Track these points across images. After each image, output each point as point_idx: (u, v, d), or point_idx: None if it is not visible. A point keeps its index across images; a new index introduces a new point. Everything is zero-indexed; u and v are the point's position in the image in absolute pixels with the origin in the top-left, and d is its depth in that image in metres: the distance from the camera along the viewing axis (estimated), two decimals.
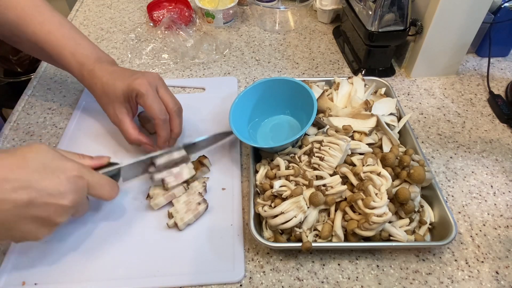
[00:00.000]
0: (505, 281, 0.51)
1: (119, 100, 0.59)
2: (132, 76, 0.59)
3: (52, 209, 0.44)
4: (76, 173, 0.46)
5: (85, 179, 0.47)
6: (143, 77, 0.58)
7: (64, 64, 0.62)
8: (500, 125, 0.73)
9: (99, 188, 0.49)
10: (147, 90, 0.57)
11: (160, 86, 0.60)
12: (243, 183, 0.62)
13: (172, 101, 0.60)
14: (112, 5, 1.06)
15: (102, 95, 0.60)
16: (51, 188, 0.43)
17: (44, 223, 0.44)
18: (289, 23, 0.99)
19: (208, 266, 0.52)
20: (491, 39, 0.83)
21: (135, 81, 0.57)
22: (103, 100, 0.61)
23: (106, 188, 0.50)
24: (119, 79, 0.59)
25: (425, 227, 0.54)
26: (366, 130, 0.61)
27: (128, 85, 0.57)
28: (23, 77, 1.50)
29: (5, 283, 0.50)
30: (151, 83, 0.58)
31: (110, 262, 0.53)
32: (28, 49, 0.66)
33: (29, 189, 0.42)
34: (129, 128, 0.60)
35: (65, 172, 0.45)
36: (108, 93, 0.59)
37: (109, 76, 0.60)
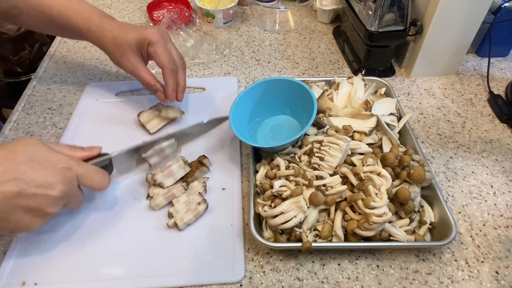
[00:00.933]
0: (505, 281, 0.52)
1: (132, 49, 0.63)
2: (143, 28, 0.63)
3: (42, 199, 0.45)
4: (64, 165, 0.47)
5: (73, 170, 0.48)
6: (154, 28, 0.63)
7: (69, 23, 0.64)
8: (500, 125, 0.73)
9: (88, 178, 0.50)
10: (159, 39, 0.61)
11: (168, 40, 0.65)
12: (243, 183, 0.62)
13: (178, 54, 0.65)
14: (112, 5, 1.06)
15: (114, 47, 0.63)
16: (39, 179, 0.44)
17: (35, 213, 0.45)
18: (289, 23, 0.99)
19: (208, 266, 0.52)
20: (491, 39, 0.83)
21: (147, 30, 0.62)
22: (116, 52, 0.64)
23: (96, 178, 0.51)
24: (130, 30, 0.63)
25: (425, 227, 0.55)
26: (366, 130, 0.61)
27: (141, 34, 0.61)
28: (23, 77, 1.49)
29: (5, 283, 0.50)
30: (161, 34, 0.62)
31: (110, 262, 0.53)
32: (28, 20, 0.66)
33: (18, 180, 0.43)
34: (146, 74, 0.64)
35: (53, 164, 0.46)
36: (121, 44, 0.62)
37: (119, 28, 0.63)
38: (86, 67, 0.85)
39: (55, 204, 0.46)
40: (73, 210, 0.58)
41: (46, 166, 0.45)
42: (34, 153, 0.46)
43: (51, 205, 0.46)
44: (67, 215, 0.57)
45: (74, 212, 0.58)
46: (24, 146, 0.46)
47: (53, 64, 0.86)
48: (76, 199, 0.51)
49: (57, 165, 0.46)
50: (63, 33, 0.70)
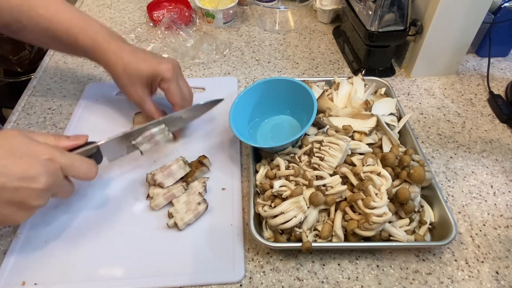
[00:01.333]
0: (505, 281, 0.52)
1: (142, 81, 0.61)
2: (156, 60, 0.61)
3: (25, 193, 0.44)
4: (47, 156, 0.45)
5: (57, 161, 0.46)
6: (168, 63, 0.61)
7: (75, 43, 0.61)
8: (500, 125, 0.73)
9: (74, 169, 0.49)
10: (172, 76, 0.61)
11: (180, 75, 0.64)
12: (243, 183, 0.62)
13: (189, 92, 0.65)
14: (112, 5, 1.06)
15: (123, 75, 0.61)
16: (21, 172, 0.43)
17: (20, 207, 0.45)
18: (289, 23, 0.99)
19: (208, 266, 0.52)
20: (491, 39, 0.83)
21: (161, 66, 0.60)
22: (123, 80, 0.61)
23: (81, 168, 0.50)
24: (142, 61, 0.61)
25: (425, 227, 0.54)
26: (366, 130, 0.61)
27: (154, 69, 0.60)
28: (23, 77, 1.49)
29: (5, 283, 0.50)
30: (175, 70, 0.62)
31: (110, 262, 0.53)
32: (30, 36, 0.64)
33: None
34: (151, 108, 0.63)
35: (35, 156, 0.45)
36: (131, 74, 0.60)
37: (130, 55, 0.60)
38: (86, 67, 0.85)
39: (40, 197, 0.45)
40: (70, 207, 0.58)
41: (27, 159, 0.44)
42: (15, 145, 0.45)
43: (35, 198, 0.45)
44: (67, 215, 0.57)
45: (73, 212, 0.58)
46: (4, 139, 0.45)
47: (53, 64, 0.86)
48: (63, 189, 0.50)
49: (39, 156, 0.45)
50: (67, 50, 0.67)
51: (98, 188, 0.61)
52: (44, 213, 0.57)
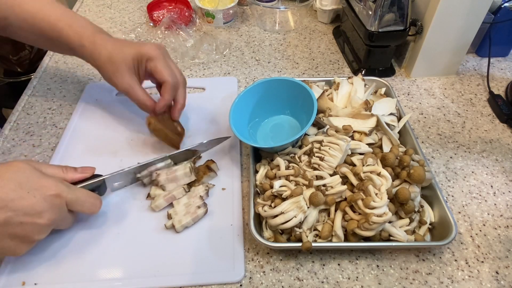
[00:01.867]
0: (505, 281, 0.52)
1: (128, 66, 0.59)
2: (140, 43, 0.61)
3: (29, 228, 0.45)
4: (53, 192, 0.46)
5: (63, 197, 0.47)
6: (151, 44, 0.60)
7: (60, 38, 0.60)
8: (500, 125, 0.73)
9: (79, 204, 0.50)
10: (158, 54, 0.59)
11: (168, 56, 0.62)
12: (243, 183, 0.62)
13: (179, 71, 0.63)
14: (112, 5, 1.06)
15: (107, 63, 0.59)
16: (27, 207, 0.44)
17: (22, 240, 0.46)
18: (289, 23, 0.99)
19: (208, 266, 0.52)
20: (491, 39, 0.83)
21: (145, 46, 0.59)
22: (108, 68, 0.59)
23: (86, 204, 0.51)
24: (126, 46, 0.60)
25: (425, 227, 0.54)
26: (366, 130, 0.61)
27: (139, 50, 0.59)
28: (23, 77, 1.49)
29: (5, 283, 0.50)
30: (160, 50, 0.61)
31: (110, 262, 0.53)
32: (18, 32, 0.63)
33: (5, 209, 0.43)
34: (142, 93, 0.60)
35: (41, 191, 0.45)
36: (115, 60, 0.59)
37: (114, 44, 0.60)
38: (86, 67, 0.85)
39: (42, 232, 0.47)
40: None
41: (35, 193, 0.45)
42: (24, 179, 0.45)
43: (38, 232, 0.46)
44: None
45: None
46: (14, 172, 0.45)
47: (53, 64, 0.86)
48: (65, 222, 0.51)
49: (46, 192, 0.46)
50: (53, 47, 0.67)
51: None
52: None
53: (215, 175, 0.62)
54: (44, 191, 0.46)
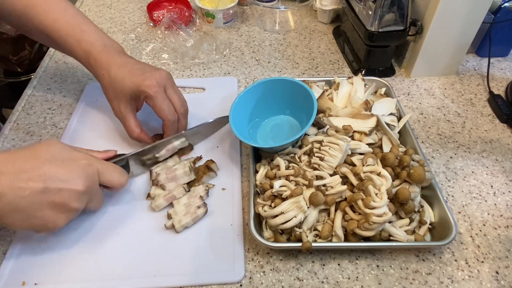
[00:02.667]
0: (505, 281, 0.52)
1: (125, 97, 0.60)
2: (141, 75, 0.58)
3: (67, 194, 0.46)
4: (86, 161, 0.49)
5: (94, 166, 0.50)
6: (152, 78, 0.58)
7: (71, 52, 0.63)
8: (500, 125, 0.73)
9: (109, 174, 0.52)
10: (156, 93, 0.58)
11: (169, 86, 0.61)
12: (243, 183, 0.62)
13: (180, 102, 0.62)
14: (112, 5, 1.06)
15: (109, 88, 0.61)
16: (63, 175, 0.46)
17: (61, 209, 0.47)
18: (289, 23, 0.99)
19: (208, 266, 0.52)
20: (491, 39, 0.83)
21: (144, 83, 0.58)
22: (109, 93, 0.61)
23: (115, 174, 0.53)
24: (127, 76, 0.59)
25: (425, 227, 0.54)
26: (366, 130, 0.61)
27: (137, 86, 0.58)
28: (23, 77, 1.50)
29: (5, 283, 0.50)
30: (160, 84, 0.59)
31: (110, 262, 0.53)
32: (38, 38, 0.67)
33: (43, 176, 0.45)
34: (132, 125, 0.62)
35: (75, 161, 0.48)
36: (115, 88, 0.60)
37: (117, 70, 0.59)
38: None
39: (80, 199, 0.48)
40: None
41: (68, 162, 0.48)
42: (57, 152, 0.48)
43: (75, 199, 0.47)
44: None
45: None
46: (47, 146, 0.48)
47: (53, 64, 0.86)
48: (97, 197, 0.52)
49: (79, 161, 0.49)
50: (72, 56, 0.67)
51: None
52: None
53: (215, 175, 0.62)
54: (77, 160, 0.49)
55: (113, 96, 0.61)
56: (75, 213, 0.49)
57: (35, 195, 0.44)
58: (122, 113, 0.61)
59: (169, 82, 0.61)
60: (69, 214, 0.48)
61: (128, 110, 0.61)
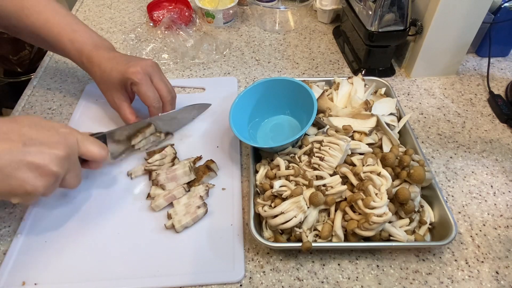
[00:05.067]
0: (505, 281, 0.52)
1: (115, 87, 0.63)
2: (126, 64, 0.61)
3: (47, 157, 0.45)
4: (66, 130, 0.49)
5: (74, 135, 0.50)
6: (137, 66, 0.61)
7: (64, 52, 0.65)
8: (500, 125, 0.73)
9: (88, 144, 0.51)
10: (141, 79, 0.60)
11: (154, 75, 0.63)
12: (243, 183, 0.62)
13: (166, 90, 0.64)
14: (112, 5, 1.06)
15: (101, 82, 0.64)
16: (43, 138, 0.46)
17: (40, 171, 0.45)
18: (289, 23, 0.99)
19: (208, 266, 0.52)
20: (491, 39, 0.83)
21: (129, 70, 0.60)
22: (102, 86, 0.65)
23: (95, 146, 0.52)
24: (115, 68, 0.61)
25: (425, 227, 0.54)
26: (366, 130, 0.61)
27: (123, 74, 0.60)
28: (23, 77, 1.50)
29: (5, 283, 0.50)
30: (144, 71, 0.61)
31: (110, 262, 0.53)
32: (29, 39, 0.68)
33: (23, 137, 0.45)
34: (127, 113, 0.64)
35: (55, 128, 0.48)
36: (106, 81, 0.63)
37: (106, 63, 0.62)
38: None
39: (60, 164, 0.46)
40: (69, 207, 0.58)
41: (48, 129, 0.48)
42: (37, 121, 0.48)
43: (56, 163, 0.46)
44: (67, 215, 0.57)
45: (73, 212, 0.58)
46: (27, 116, 0.49)
47: (53, 64, 0.86)
48: (75, 170, 0.50)
49: (59, 129, 0.49)
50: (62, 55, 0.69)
51: (97, 188, 0.61)
52: (44, 213, 0.57)
53: (215, 175, 0.62)
54: (57, 128, 0.49)
55: (106, 89, 0.64)
56: (54, 179, 0.46)
57: (14, 154, 0.43)
58: (116, 103, 0.64)
59: (155, 71, 0.63)
60: (48, 178, 0.46)
61: (121, 99, 0.64)
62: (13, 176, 0.43)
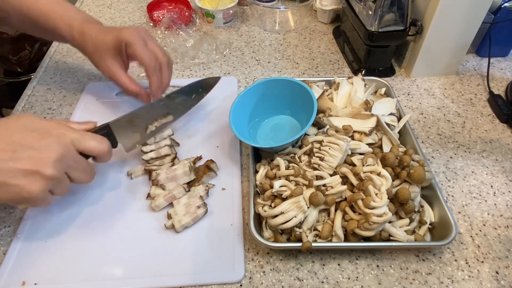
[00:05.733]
0: (505, 281, 0.52)
1: (110, 53, 0.61)
2: (120, 29, 0.61)
3: (39, 161, 0.45)
4: (59, 131, 0.48)
5: (67, 135, 0.48)
6: (131, 28, 0.61)
7: (53, 29, 0.63)
8: (500, 125, 0.73)
9: (85, 142, 0.50)
10: (136, 39, 0.60)
11: (149, 39, 0.63)
12: (243, 183, 0.62)
13: (162, 52, 0.63)
14: (112, 5, 1.06)
15: (94, 52, 0.62)
16: (32, 142, 0.45)
17: (34, 176, 0.45)
18: (289, 23, 0.99)
19: (208, 266, 0.52)
20: (491, 39, 0.83)
21: (123, 31, 0.60)
22: (95, 57, 0.63)
23: (92, 141, 0.50)
24: (107, 33, 0.61)
25: (425, 227, 0.54)
26: (366, 130, 0.61)
27: (117, 36, 0.60)
28: (23, 77, 1.49)
29: (5, 283, 0.50)
30: (138, 34, 0.61)
31: (110, 262, 0.53)
32: (15, 23, 0.66)
33: (12, 145, 0.44)
34: (125, 79, 0.62)
35: (47, 131, 0.47)
36: (99, 48, 0.61)
37: (99, 32, 0.62)
38: (86, 67, 0.85)
39: (54, 166, 0.46)
40: (69, 207, 0.58)
41: (39, 131, 0.46)
42: (27, 122, 0.47)
43: (49, 166, 0.45)
44: (67, 215, 0.58)
45: (73, 212, 0.58)
46: (17, 118, 0.47)
47: (53, 64, 0.86)
48: (80, 166, 0.50)
49: (52, 131, 0.47)
50: (50, 37, 0.69)
51: (97, 188, 0.61)
52: (44, 213, 0.57)
53: (215, 175, 0.62)
54: (49, 129, 0.47)
55: (99, 58, 0.62)
56: (52, 181, 0.46)
57: (6, 162, 0.43)
58: (112, 70, 0.62)
59: (149, 36, 0.63)
60: (44, 182, 0.45)
61: (117, 66, 0.62)
62: (8, 184, 0.44)
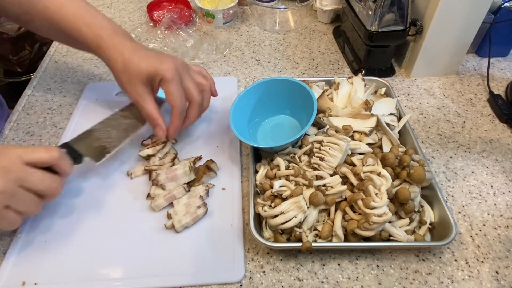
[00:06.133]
0: (505, 281, 0.51)
1: (141, 80, 0.57)
2: (158, 59, 0.57)
3: None
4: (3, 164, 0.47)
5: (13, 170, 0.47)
6: (170, 62, 0.57)
7: (79, 37, 0.60)
8: (500, 125, 0.73)
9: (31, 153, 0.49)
10: (173, 77, 0.56)
11: (185, 73, 0.59)
12: (243, 183, 0.62)
13: (195, 90, 0.60)
14: (112, 5, 1.06)
15: (123, 72, 0.58)
16: None
17: None
18: (289, 23, 0.99)
19: (208, 266, 0.52)
20: (491, 39, 0.83)
21: (162, 66, 0.56)
22: (123, 77, 0.59)
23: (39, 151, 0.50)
24: (143, 59, 0.57)
25: (425, 227, 0.55)
26: (366, 130, 0.61)
27: (155, 68, 0.56)
28: (23, 77, 1.50)
29: (5, 283, 0.50)
30: (177, 71, 0.57)
31: (110, 262, 0.53)
32: (39, 27, 0.64)
33: None
34: (151, 107, 0.59)
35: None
36: (130, 71, 0.57)
37: (132, 53, 0.58)
38: (86, 67, 0.85)
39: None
40: (69, 207, 0.58)
41: None
42: None
43: None
44: (67, 215, 0.58)
45: (73, 212, 0.58)
46: None
47: (53, 64, 0.86)
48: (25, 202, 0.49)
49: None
50: (73, 44, 0.67)
51: (97, 187, 0.61)
52: (43, 213, 0.57)
53: (215, 175, 0.62)
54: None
55: (128, 80, 0.58)
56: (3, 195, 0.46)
57: None
58: (140, 95, 0.58)
59: (185, 70, 0.60)
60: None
61: (145, 92, 0.58)
62: None
